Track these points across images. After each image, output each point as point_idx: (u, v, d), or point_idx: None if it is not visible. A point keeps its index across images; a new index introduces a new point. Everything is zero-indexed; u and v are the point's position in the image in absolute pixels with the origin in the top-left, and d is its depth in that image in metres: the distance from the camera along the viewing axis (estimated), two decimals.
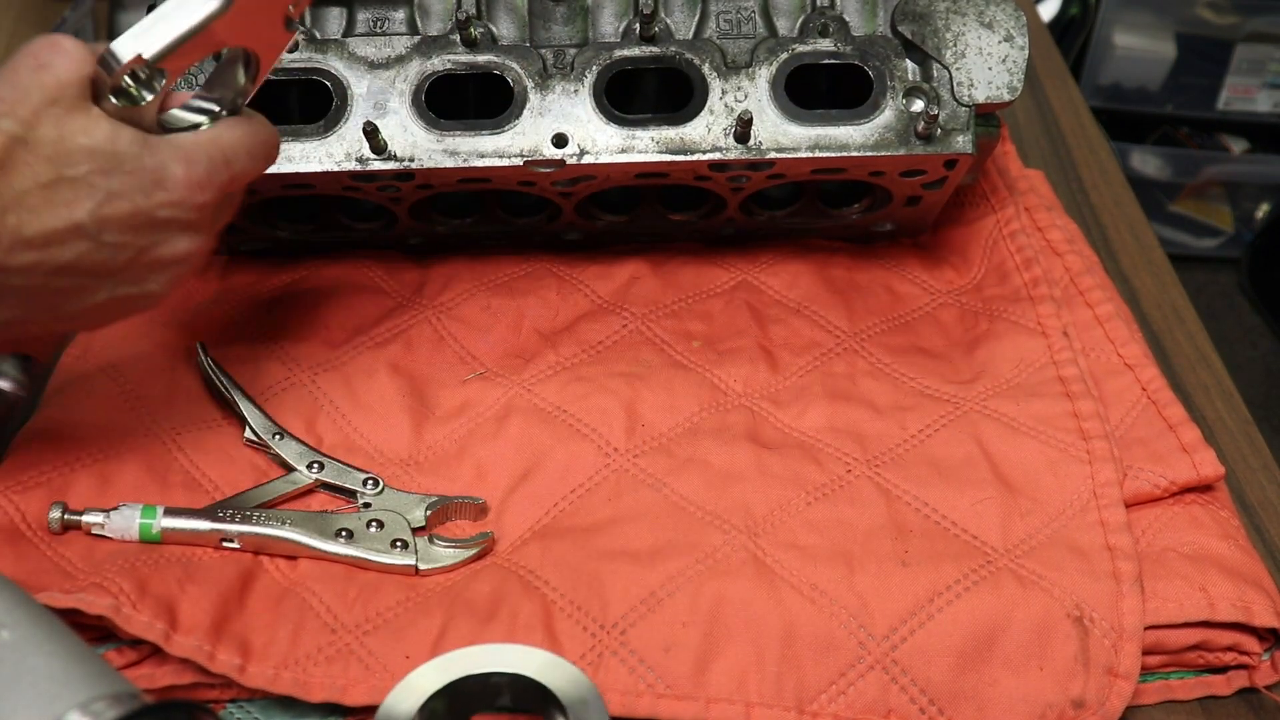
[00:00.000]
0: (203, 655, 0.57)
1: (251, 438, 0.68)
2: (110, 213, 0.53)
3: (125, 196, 0.54)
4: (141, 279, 0.56)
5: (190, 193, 0.55)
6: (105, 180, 0.53)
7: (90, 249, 0.54)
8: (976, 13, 0.70)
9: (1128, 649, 0.58)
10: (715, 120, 0.70)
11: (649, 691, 0.57)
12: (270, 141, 0.60)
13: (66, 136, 0.52)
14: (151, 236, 0.55)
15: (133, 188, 0.54)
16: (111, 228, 0.54)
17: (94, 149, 0.53)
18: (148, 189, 0.54)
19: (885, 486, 0.66)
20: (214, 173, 0.56)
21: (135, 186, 0.54)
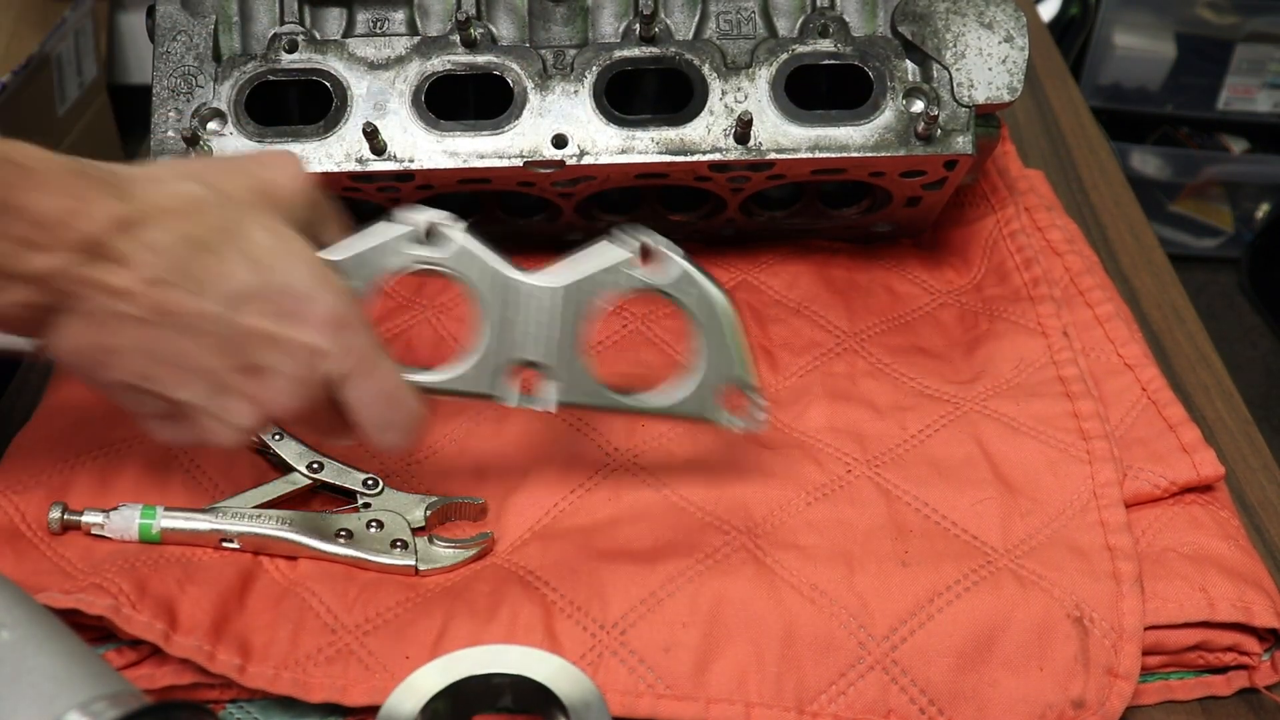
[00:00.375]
0: (202, 655, 0.57)
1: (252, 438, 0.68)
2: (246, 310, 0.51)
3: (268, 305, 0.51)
4: (226, 403, 0.53)
5: (316, 339, 0.52)
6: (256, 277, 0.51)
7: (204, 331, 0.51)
8: (976, 13, 0.70)
9: (1128, 649, 0.58)
10: (715, 121, 0.70)
11: (649, 692, 0.57)
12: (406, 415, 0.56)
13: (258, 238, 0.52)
14: (264, 357, 0.52)
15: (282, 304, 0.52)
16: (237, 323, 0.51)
17: (264, 248, 0.52)
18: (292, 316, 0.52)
19: (885, 486, 0.66)
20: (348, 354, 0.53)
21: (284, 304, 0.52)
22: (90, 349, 0.52)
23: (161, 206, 0.51)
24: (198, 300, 0.51)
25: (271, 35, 0.72)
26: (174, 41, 0.71)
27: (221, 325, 0.51)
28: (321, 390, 0.54)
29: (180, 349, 0.51)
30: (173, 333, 0.51)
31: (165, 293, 0.50)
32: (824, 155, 0.69)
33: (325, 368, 0.53)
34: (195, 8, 0.71)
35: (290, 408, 0.53)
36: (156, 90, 0.70)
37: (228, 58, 0.71)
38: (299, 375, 0.53)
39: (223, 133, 0.70)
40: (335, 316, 0.52)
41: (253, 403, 0.53)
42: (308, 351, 0.52)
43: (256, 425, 0.54)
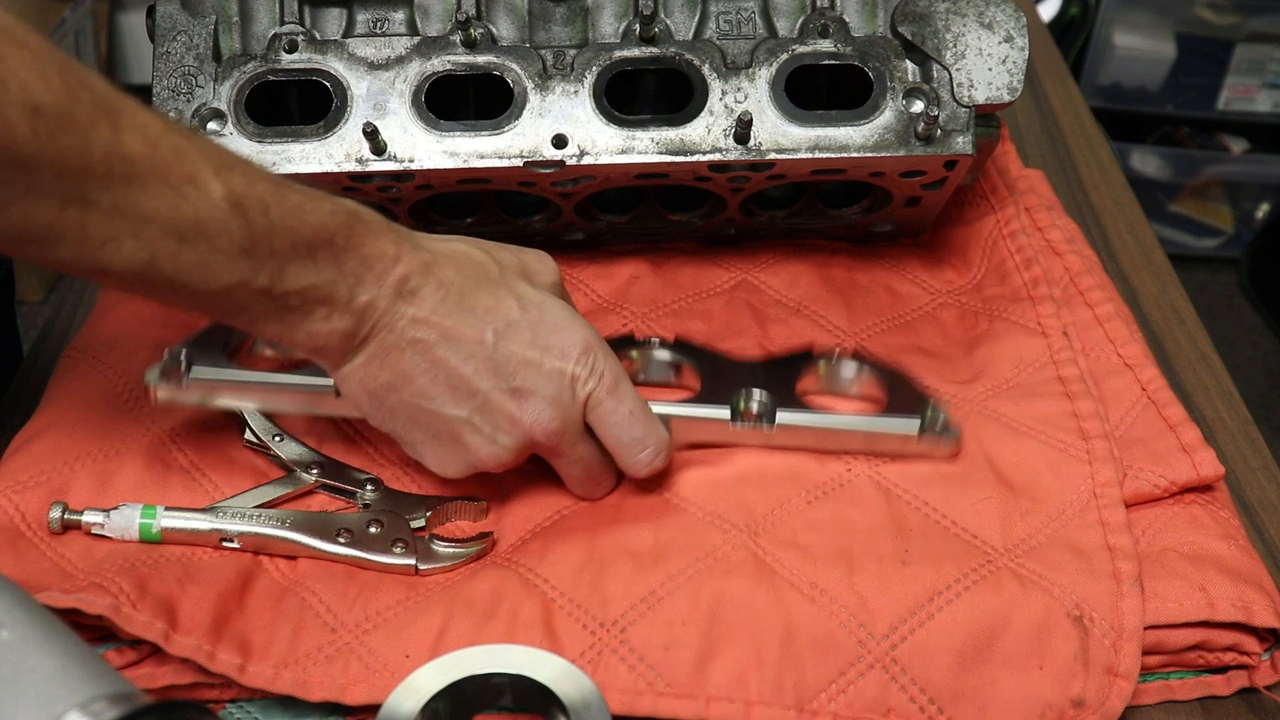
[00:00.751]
0: (202, 655, 0.57)
1: (251, 440, 0.68)
2: (512, 337, 0.60)
3: (530, 333, 0.60)
4: (494, 423, 0.61)
5: (573, 367, 0.61)
6: (522, 314, 0.60)
7: (478, 356, 0.59)
8: (976, 13, 0.70)
9: (1127, 649, 0.58)
10: (715, 121, 0.70)
11: (649, 690, 0.57)
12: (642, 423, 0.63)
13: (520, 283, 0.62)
14: (526, 380, 0.60)
15: (541, 332, 0.61)
16: (505, 350, 0.60)
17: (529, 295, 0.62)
18: (550, 342, 0.61)
19: (885, 485, 0.66)
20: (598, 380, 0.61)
21: (544, 333, 0.61)
22: (381, 376, 0.60)
23: (449, 254, 0.61)
24: (475, 328, 0.59)
25: (271, 35, 0.72)
26: (174, 41, 0.71)
27: (492, 350, 0.60)
28: (576, 413, 0.62)
29: (457, 370, 0.59)
30: (452, 356, 0.59)
31: (448, 319, 0.59)
32: (824, 155, 0.69)
33: (579, 390, 0.61)
34: (195, 8, 0.71)
35: (549, 428, 0.61)
36: (156, 90, 0.70)
37: (228, 58, 0.71)
38: (557, 397, 0.60)
39: (223, 133, 0.70)
40: (587, 346, 0.61)
41: (515, 422, 0.61)
42: (564, 375, 0.60)
43: (518, 444, 0.61)
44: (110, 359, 0.72)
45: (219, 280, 0.53)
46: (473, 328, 0.59)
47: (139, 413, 0.69)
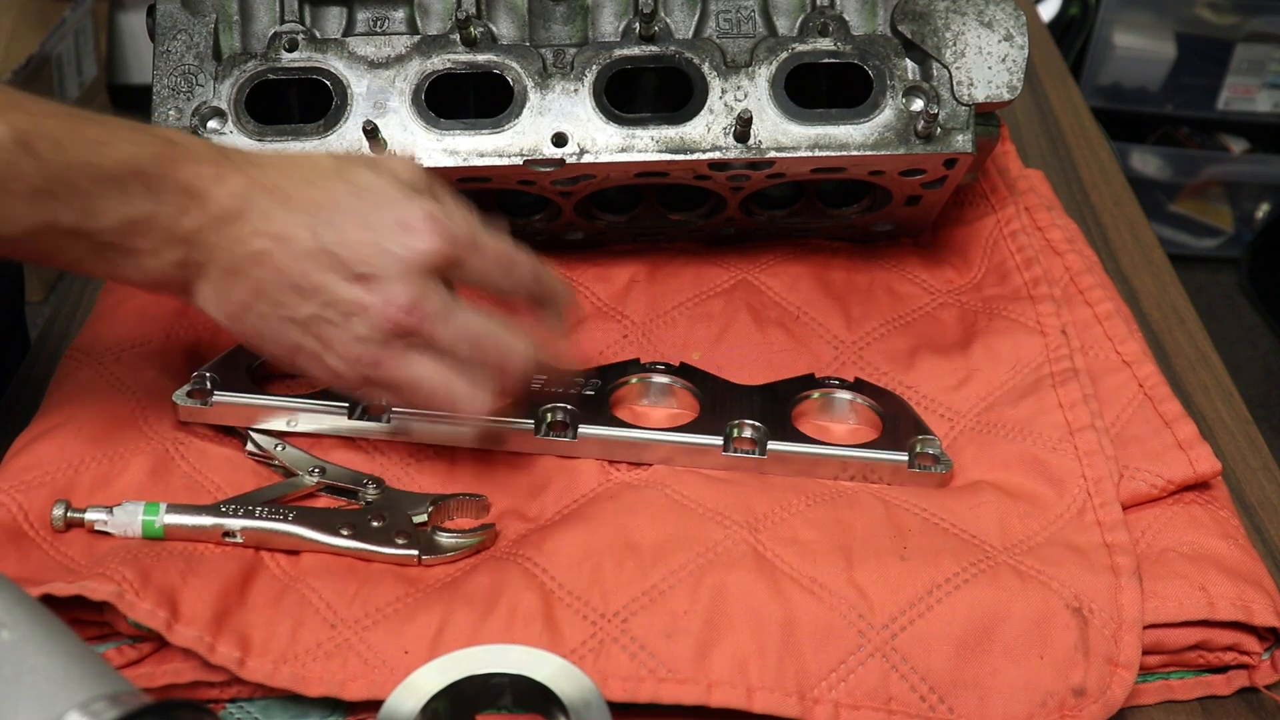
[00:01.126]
0: (203, 646, 0.57)
1: (254, 450, 0.68)
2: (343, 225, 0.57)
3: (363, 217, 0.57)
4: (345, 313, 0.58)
5: (420, 239, 0.57)
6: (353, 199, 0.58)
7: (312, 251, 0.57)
8: (976, 12, 0.70)
9: (1127, 639, 0.58)
10: (715, 119, 0.70)
11: (650, 677, 0.57)
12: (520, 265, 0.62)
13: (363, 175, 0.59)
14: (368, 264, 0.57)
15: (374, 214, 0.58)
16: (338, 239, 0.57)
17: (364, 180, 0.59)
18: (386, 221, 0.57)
19: (882, 496, 0.66)
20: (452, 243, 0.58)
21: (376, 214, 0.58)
22: (232, 296, 0.58)
23: (279, 162, 0.58)
24: (304, 224, 0.57)
25: (272, 34, 0.72)
26: (174, 40, 0.71)
27: (324, 242, 0.57)
28: (434, 283, 0.58)
29: (295, 270, 0.57)
30: (287, 258, 0.57)
31: (276, 224, 0.57)
32: (824, 154, 0.69)
33: (434, 258, 0.58)
34: (195, 7, 0.71)
35: (404, 304, 0.57)
36: (157, 89, 0.70)
37: (228, 56, 0.71)
38: (406, 273, 0.57)
39: (223, 131, 0.70)
40: (428, 214, 0.58)
41: (365, 308, 0.57)
42: (410, 250, 0.57)
43: (381, 331, 0.58)
44: (111, 360, 0.72)
45: (20, 224, 0.52)
46: (302, 225, 0.57)
47: (141, 415, 0.69)
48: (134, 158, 0.54)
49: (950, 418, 0.71)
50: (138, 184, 0.54)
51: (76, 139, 0.52)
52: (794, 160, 0.70)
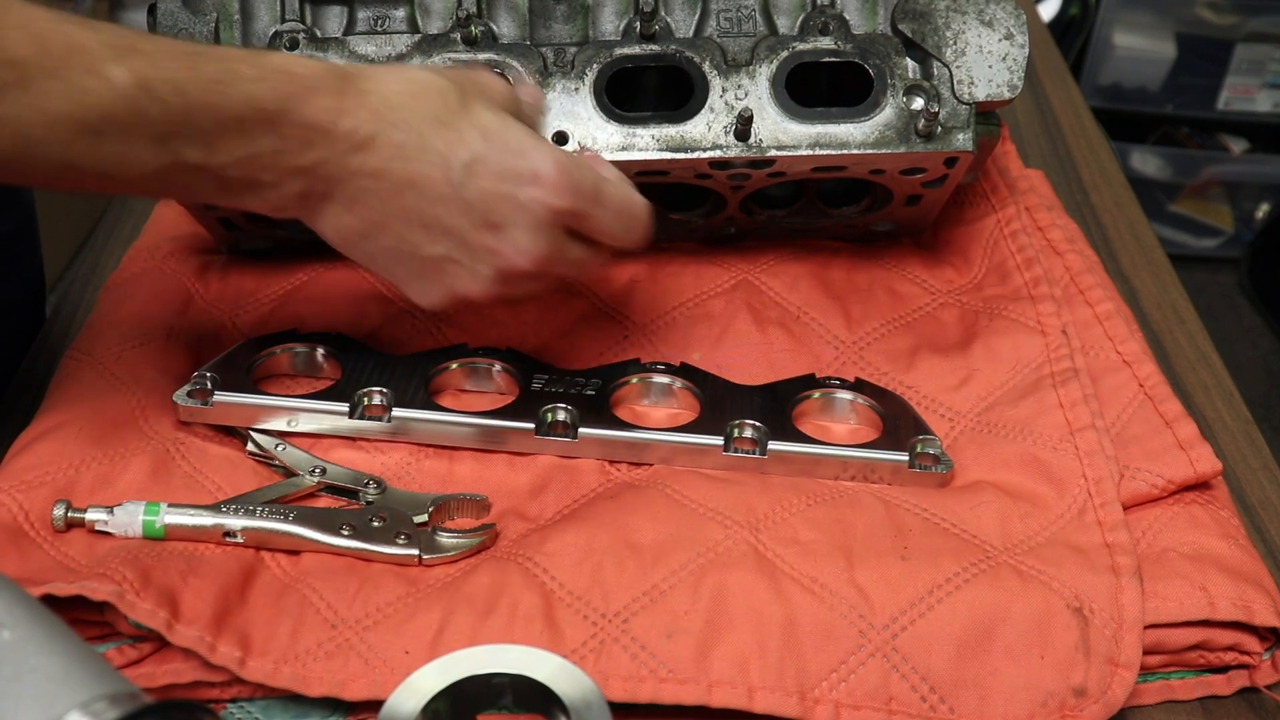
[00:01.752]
0: (204, 646, 0.57)
1: (254, 450, 0.68)
2: (479, 171, 0.58)
3: (497, 165, 0.59)
4: (473, 256, 0.60)
5: (550, 195, 0.59)
6: (486, 146, 0.59)
7: (446, 195, 0.58)
8: (976, 11, 0.70)
9: (1128, 639, 0.58)
10: (716, 118, 0.70)
11: (651, 677, 0.57)
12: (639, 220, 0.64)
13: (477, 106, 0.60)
14: (499, 214, 0.59)
15: (508, 162, 0.59)
16: (473, 185, 0.58)
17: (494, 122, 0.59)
18: (520, 170, 0.59)
19: (883, 496, 0.66)
20: (578, 197, 0.60)
21: (511, 162, 0.59)
22: (354, 225, 0.59)
23: (402, 91, 0.58)
24: (439, 168, 0.58)
25: (272, 33, 0.72)
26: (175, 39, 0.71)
27: (460, 188, 0.58)
28: (558, 233, 0.61)
29: (427, 212, 0.58)
30: (421, 200, 0.58)
31: (410, 166, 0.57)
32: (824, 152, 0.69)
33: (560, 214, 0.60)
34: (196, 6, 0.71)
35: (532, 255, 0.60)
36: None
37: None
38: (535, 225, 0.59)
39: None
40: (560, 167, 0.59)
41: (495, 253, 0.60)
42: (540, 204, 0.59)
43: (501, 273, 0.60)
44: (112, 360, 0.72)
45: (146, 166, 0.52)
46: (437, 168, 0.58)
47: (142, 414, 0.69)
48: (254, 96, 0.54)
49: (951, 418, 0.71)
50: (259, 122, 0.54)
51: (196, 80, 0.52)
52: (795, 159, 0.70)
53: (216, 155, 0.54)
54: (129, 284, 0.79)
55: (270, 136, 0.55)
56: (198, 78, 0.53)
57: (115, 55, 0.50)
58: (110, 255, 0.89)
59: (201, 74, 0.53)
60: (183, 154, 0.53)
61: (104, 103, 0.50)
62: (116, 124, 0.51)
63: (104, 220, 0.93)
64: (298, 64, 0.56)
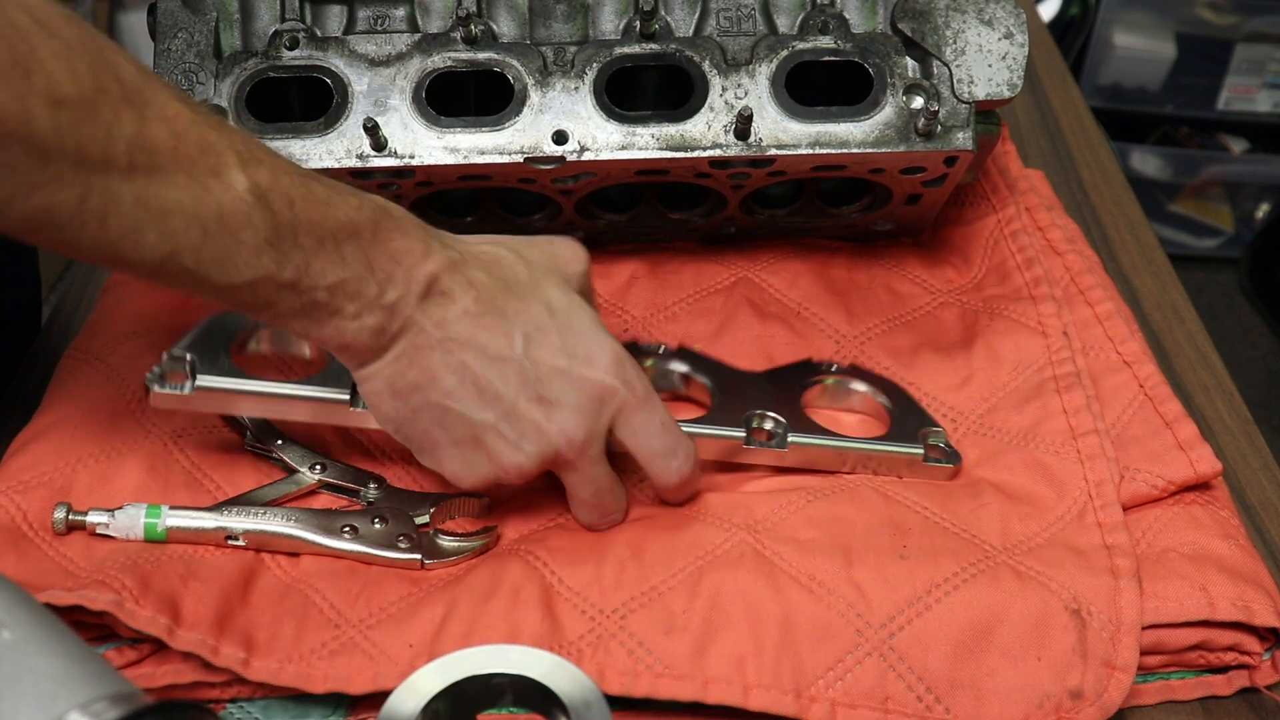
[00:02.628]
0: (206, 649, 0.57)
1: (253, 444, 0.68)
2: (541, 342, 0.59)
3: (559, 341, 0.60)
4: (519, 430, 0.60)
5: (603, 376, 0.60)
6: (551, 321, 0.60)
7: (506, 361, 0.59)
8: (976, 10, 0.70)
9: (1125, 642, 0.58)
10: (715, 117, 0.70)
11: (648, 673, 0.57)
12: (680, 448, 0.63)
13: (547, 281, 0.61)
14: (555, 390, 0.59)
15: (570, 340, 0.60)
16: (533, 356, 0.59)
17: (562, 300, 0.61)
18: (579, 350, 0.60)
19: (884, 492, 0.66)
20: (629, 390, 0.61)
21: (573, 341, 0.60)
22: (409, 376, 0.59)
23: (478, 255, 0.60)
24: (504, 332, 0.59)
25: (272, 32, 0.72)
26: (175, 39, 0.71)
27: (521, 356, 0.59)
28: (603, 425, 0.61)
29: (484, 374, 0.59)
30: (480, 359, 0.59)
31: (478, 322, 0.59)
32: (824, 151, 0.69)
33: (610, 401, 0.60)
34: (196, 5, 0.71)
35: (574, 438, 0.60)
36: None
37: (229, 55, 0.71)
38: (584, 407, 0.60)
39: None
40: (617, 358, 0.61)
41: (541, 431, 0.59)
42: (593, 385, 0.60)
43: (541, 453, 0.60)
44: (112, 359, 0.72)
45: (242, 274, 0.53)
46: (502, 332, 0.59)
47: (141, 414, 0.69)
48: (353, 221, 0.55)
49: (953, 418, 0.71)
50: (354, 247, 0.55)
51: (307, 198, 0.54)
52: (794, 158, 0.70)
53: (309, 275, 0.54)
54: (129, 284, 0.79)
55: (360, 263, 0.56)
56: (308, 195, 0.54)
57: (241, 162, 0.52)
58: None
59: (312, 192, 0.54)
60: (280, 268, 0.53)
61: (222, 204, 0.51)
62: (228, 227, 0.51)
63: None
64: (395, 208, 0.58)
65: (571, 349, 0.60)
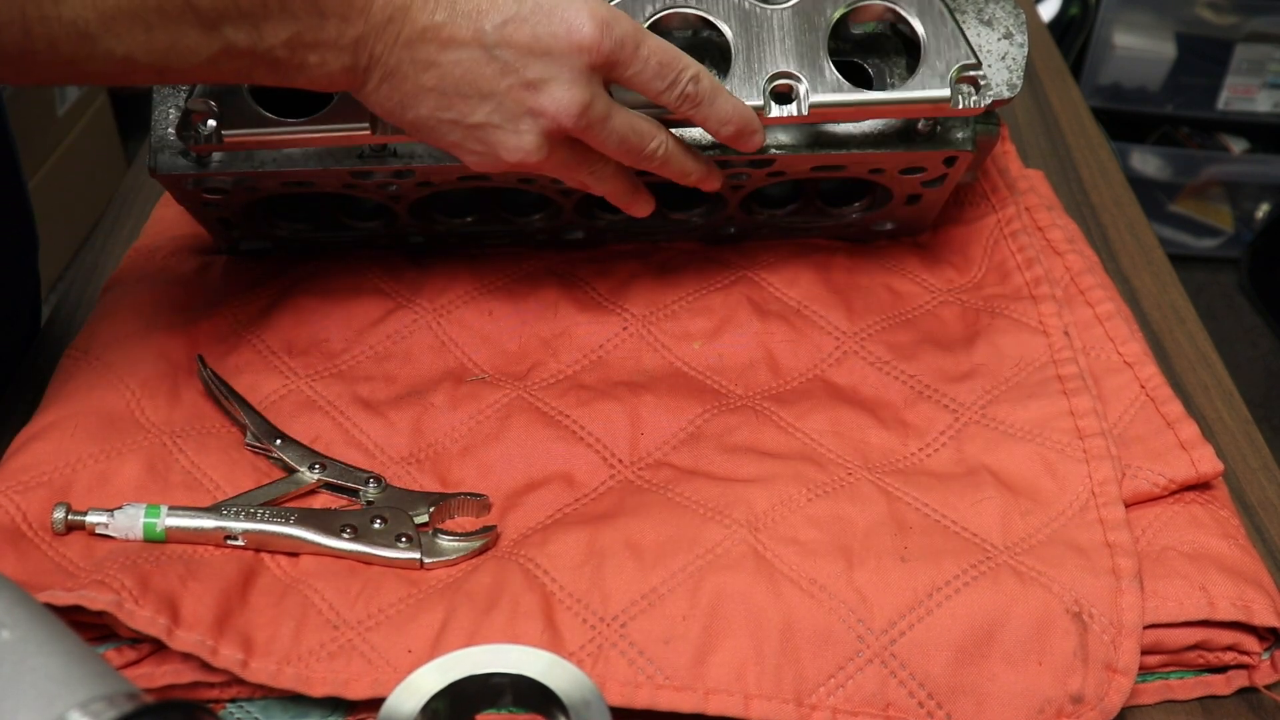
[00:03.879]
0: (205, 650, 0.57)
1: (253, 443, 0.68)
2: (513, 32, 0.59)
3: (532, 23, 0.59)
4: (515, 117, 0.61)
5: (591, 43, 0.59)
6: (519, 5, 0.59)
7: (481, 59, 0.59)
8: (975, 10, 0.70)
9: (1126, 645, 0.58)
10: None
11: (648, 683, 0.57)
12: (682, 74, 0.62)
13: None
14: (538, 70, 0.59)
15: (542, 19, 0.59)
16: (508, 46, 0.59)
17: None
18: (555, 27, 0.59)
19: (886, 488, 0.66)
20: (617, 47, 0.60)
21: (545, 19, 0.59)
22: (397, 96, 0.60)
23: None
24: (472, 30, 0.58)
25: None
26: None
27: (494, 49, 0.59)
28: (599, 86, 0.61)
29: (463, 78, 0.59)
30: (456, 65, 0.59)
31: (444, 30, 0.58)
32: (824, 151, 0.69)
33: (599, 62, 0.60)
34: None
35: (573, 110, 0.60)
36: (156, 87, 0.70)
37: None
38: (573, 78, 0.59)
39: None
40: (595, 17, 0.59)
41: (537, 112, 0.60)
42: (576, 54, 0.59)
43: (546, 131, 0.61)
44: (111, 359, 0.72)
45: (198, 54, 0.55)
46: (469, 31, 0.58)
47: (140, 413, 0.69)
48: None
49: (954, 409, 0.71)
50: (301, 2, 0.56)
51: None
52: (794, 158, 0.70)
53: (264, 38, 0.55)
54: (129, 284, 0.79)
55: (312, 16, 0.56)
56: None
57: None
58: (110, 255, 0.89)
59: None
60: (232, 39, 0.55)
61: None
62: (166, 15, 0.53)
63: (104, 220, 0.93)
64: None
65: (546, 27, 0.59)
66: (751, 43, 0.67)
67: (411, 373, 0.74)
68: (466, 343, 0.76)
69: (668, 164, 0.66)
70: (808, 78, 0.66)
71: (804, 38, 0.67)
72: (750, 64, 0.67)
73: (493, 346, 0.76)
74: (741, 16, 0.68)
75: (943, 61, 0.66)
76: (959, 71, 0.66)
